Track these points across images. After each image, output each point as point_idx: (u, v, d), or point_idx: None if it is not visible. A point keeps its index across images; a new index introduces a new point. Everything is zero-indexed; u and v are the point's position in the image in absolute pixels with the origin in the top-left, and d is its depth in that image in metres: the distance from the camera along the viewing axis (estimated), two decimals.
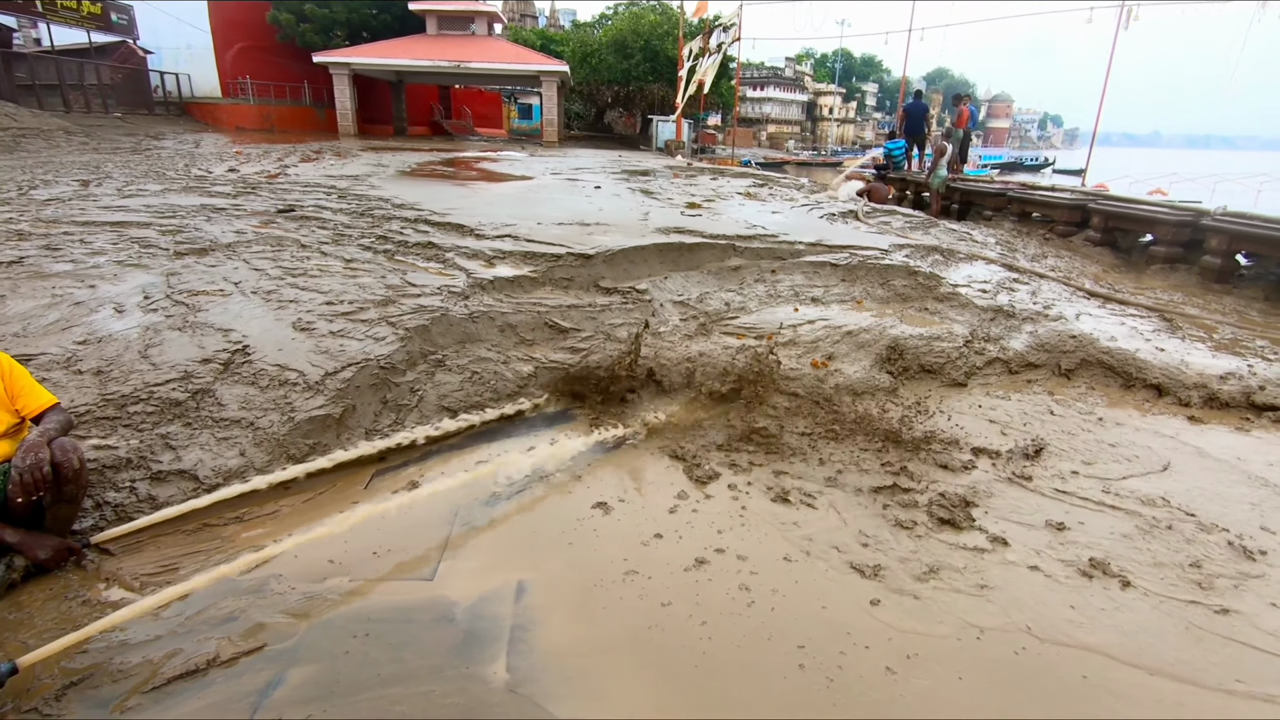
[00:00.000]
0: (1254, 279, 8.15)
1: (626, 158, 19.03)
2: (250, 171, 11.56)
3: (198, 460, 3.28)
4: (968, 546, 3.08)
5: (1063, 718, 2.21)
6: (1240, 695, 2.32)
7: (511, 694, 2.25)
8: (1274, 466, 3.91)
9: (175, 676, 2.25)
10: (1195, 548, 3.11)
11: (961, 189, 13.73)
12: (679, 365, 4.56)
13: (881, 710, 2.22)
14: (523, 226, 6.89)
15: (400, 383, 4.08)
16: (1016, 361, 5.29)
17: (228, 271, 5.23)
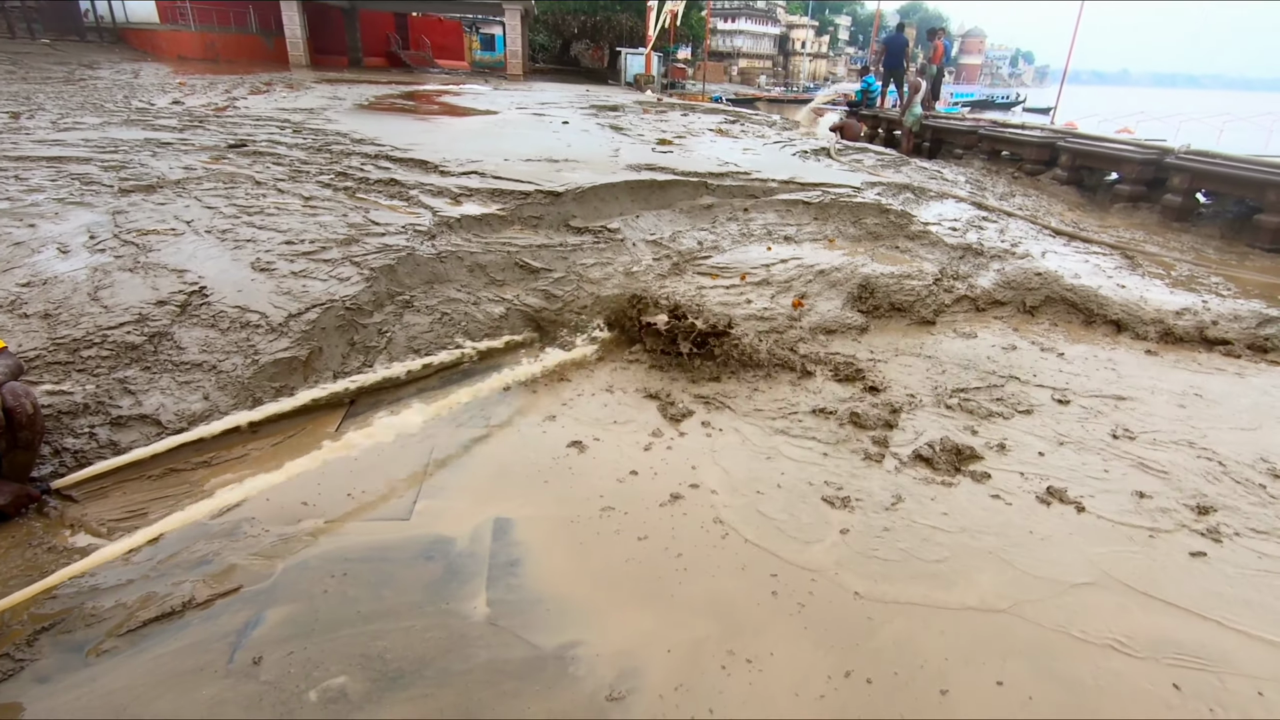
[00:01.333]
0: (1212, 217, 8.33)
1: (594, 92, 18.40)
2: (196, 104, 10.91)
3: (159, 405, 3.19)
4: (935, 480, 3.18)
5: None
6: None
7: (492, 627, 2.29)
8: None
9: (150, 619, 2.24)
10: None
11: (933, 127, 13.63)
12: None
13: (852, 633, 2.31)
14: (489, 163, 6.66)
15: (368, 324, 3.99)
16: (984, 299, 5.37)
17: (178, 210, 4.98)
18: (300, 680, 2.06)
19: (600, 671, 2.13)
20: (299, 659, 2.13)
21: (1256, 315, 5.18)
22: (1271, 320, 5.11)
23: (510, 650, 2.21)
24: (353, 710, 1.97)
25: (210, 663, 2.10)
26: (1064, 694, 2.11)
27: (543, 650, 2.20)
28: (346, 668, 2.10)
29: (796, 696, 2.08)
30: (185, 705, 1.96)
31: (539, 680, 2.10)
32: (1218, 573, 2.66)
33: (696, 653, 2.21)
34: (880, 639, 2.29)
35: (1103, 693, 2.12)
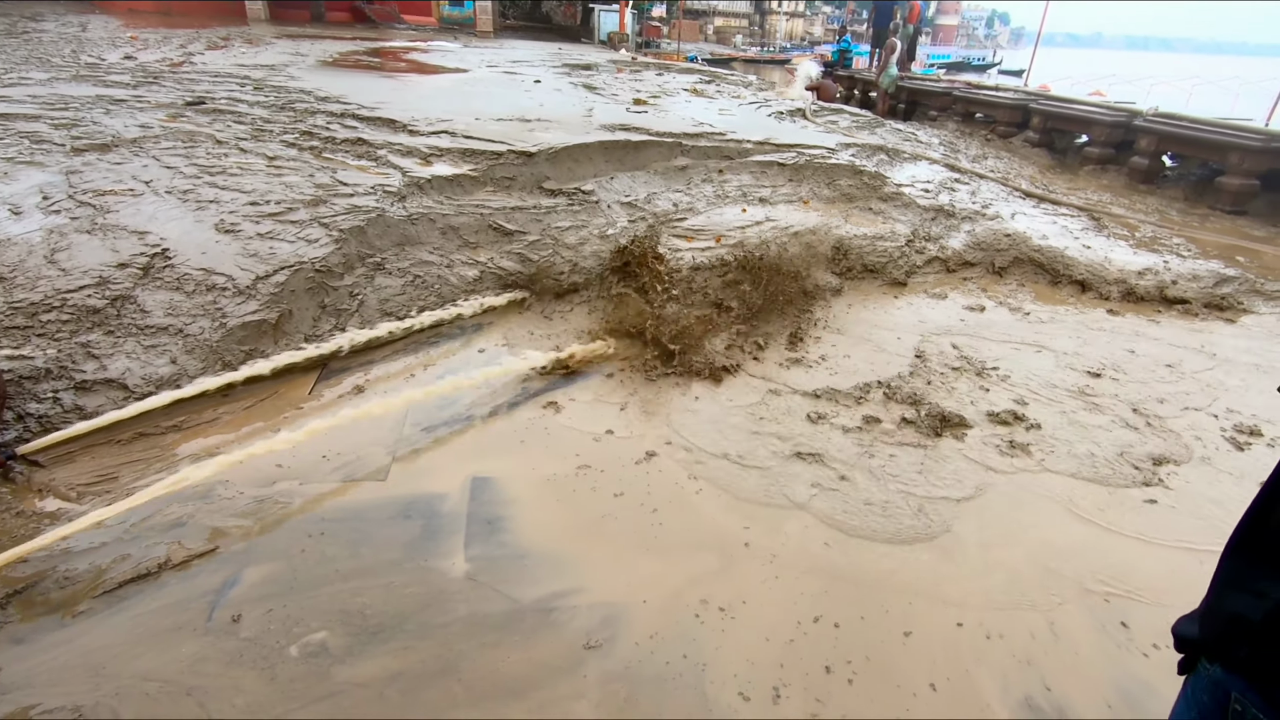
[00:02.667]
0: (1176, 179, 8.48)
1: (567, 50, 17.94)
2: (150, 59, 10.43)
3: (125, 369, 3.13)
4: (890, 422, 3.27)
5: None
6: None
7: (471, 582, 2.34)
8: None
9: (126, 580, 2.24)
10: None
11: (908, 88, 13.57)
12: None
13: (821, 582, 2.40)
14: (459, 122, 6.51)
15: (338, 286, 3.93)
16: (954, 260, 5.44)
17: (136, 169, 4.81)
18: (280, 636, 2.08)
19: (578, 622, 2.19)
20: (278, 616, 2.15)
21: (1214, 275, 5.33)
22: (1228, 280, 5.27)
23: (489, 604, 2.25)
24: (334, 663, 2.01)
25: (189, 621, 2.12)
26: (1022, 633, 2.22)
27: (521, 603, 2.25)
28: (326, 623, 2.13)
29: (767, 641, 2.16)
30: (165, 662, 1.98)
31: (518, 631, 2.15)
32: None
33: (672, 602, 2.28)
34: (848, 587, 2.38)
35: (1057, 637, 2.24)
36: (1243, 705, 0.89)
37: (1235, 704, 0.90)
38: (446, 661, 2.04)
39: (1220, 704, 0.92)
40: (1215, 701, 0.93)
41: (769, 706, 1.95)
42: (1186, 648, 0.99)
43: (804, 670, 2.06)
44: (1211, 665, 0.94)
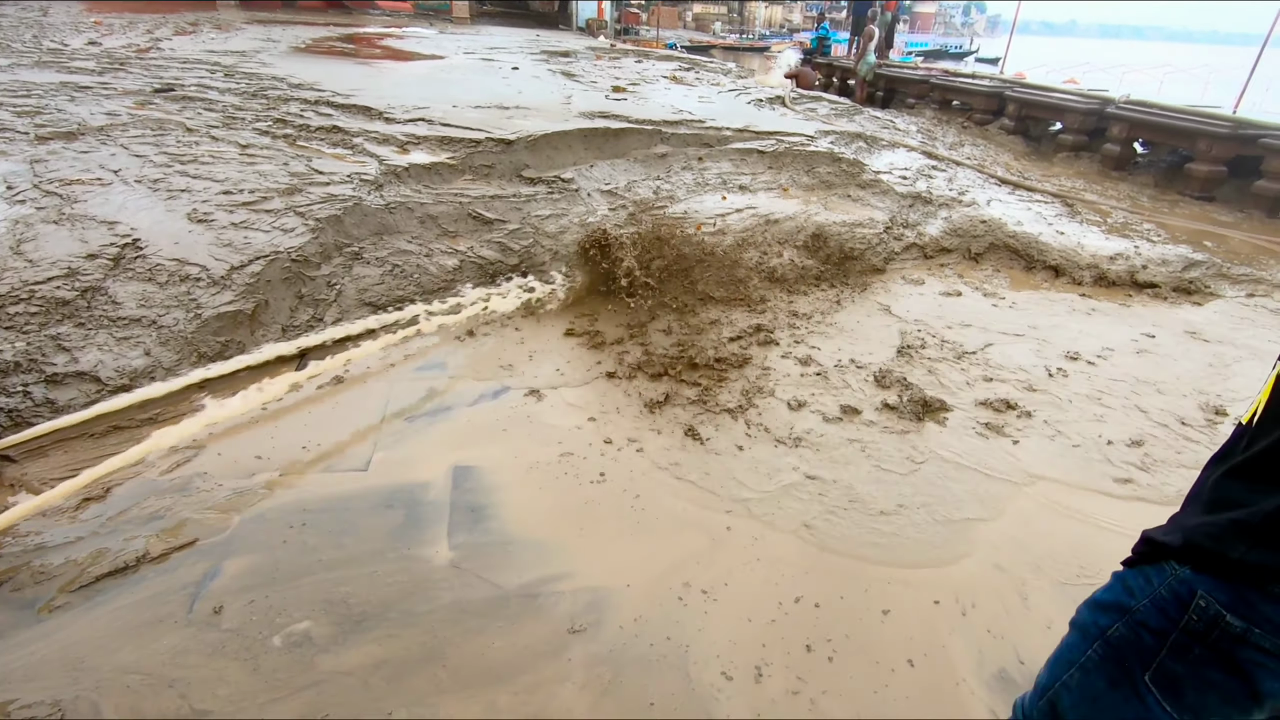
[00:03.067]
0: (1147, 166, 8.64)
1: (545, 37, 17.77)
2: (115, 45, 10.16)
3: (97, 361, 3.08)
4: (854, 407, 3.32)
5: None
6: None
7: (455, 569, 2.34)
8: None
9: (104, 575, 2.22)
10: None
11: (887, 76, 13.64)
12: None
13: (801, 563, 2.43)
14: (436, 109, 6.44)
15: (316, 276, 3.88)
16: (931, 246, 5.50)
17: (104, 158, 4.70)
18: (263, 627, 2.08)
19: (563, 607, 2.21)
20: (261, 607, 2.14)
21: (1182, 259, 5.45)
22: (1196, 264, 5.39)
23: (473, 591, 2.26)
24: (318, 653, 2.01)
25: (170, 614, 2.10)
26: (997, 607, 2.28)
27: (506, 589, 2.26)
28: (310, 613, 2.13)
29: (749, 622, 2.19)
30: (146, 655, 1.97)
31: (503, 617, 2.16)
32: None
33: (655, 586, 2.30)
34: (828, 568, 2.42)
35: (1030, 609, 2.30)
36: (1207, 601, 0.98)
37: (1200, 600, 0.99)
38: (431, 649, 2.05)
39: (1181, 598, 1.01)
40: (1176, 596, 1.02)
41: (751, 685, 1.98)
42: (1158, 551, 1.08)
43: (785, 649, 2.10)
44: (1181, 567, 1.03)
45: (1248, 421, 1.04)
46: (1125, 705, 1.08)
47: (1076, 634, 1.19)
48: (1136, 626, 1.07)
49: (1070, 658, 1.17)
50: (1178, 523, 1.10)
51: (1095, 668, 1.12)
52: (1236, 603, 0.97)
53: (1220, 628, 0.98)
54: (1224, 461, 1.06)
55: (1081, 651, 1.15)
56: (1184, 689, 1.03)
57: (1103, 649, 1.12)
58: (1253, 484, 0.98)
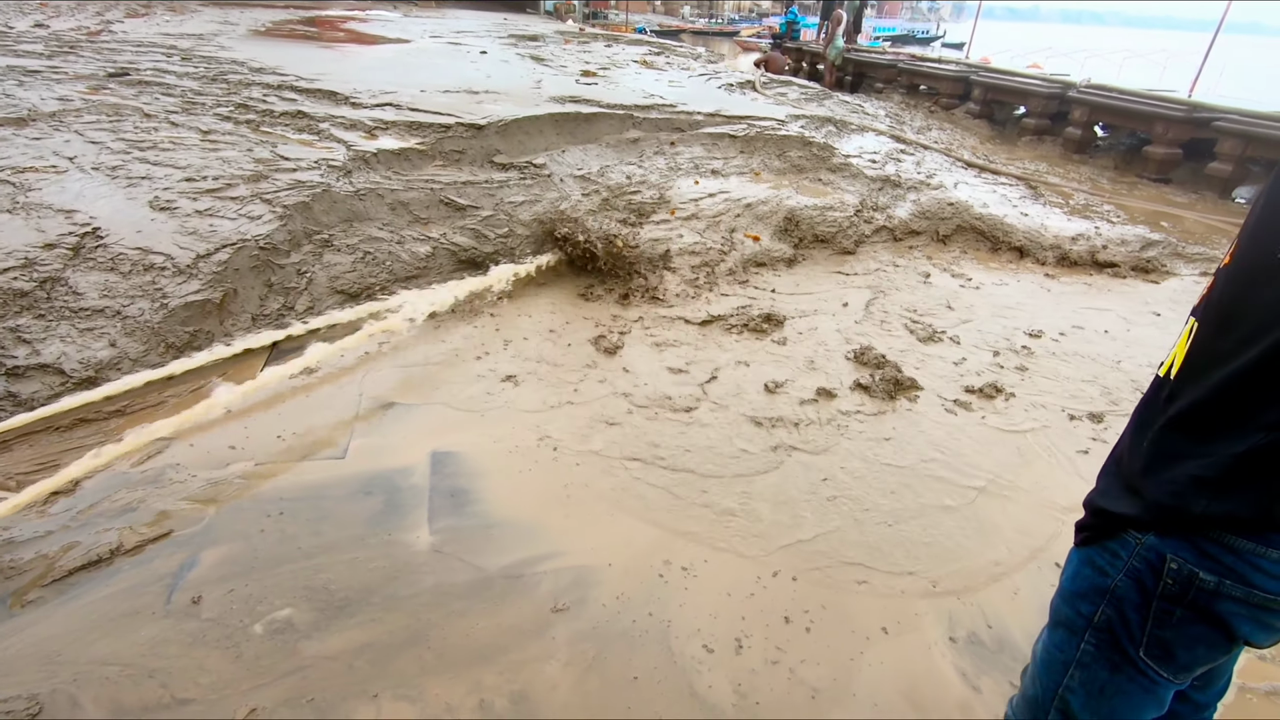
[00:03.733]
0: (1108, 149, 8.86)
1: (513, 20, 17.51)
2: (64, 27, 9.78)
3: (60, 353, 3.00)
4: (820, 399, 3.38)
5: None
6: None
7: (437, 554, 2.35)
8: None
9: (77, 568, 2.18)
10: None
11: (855, 60, 13.73)
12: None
13: (779, 539, 2.49)
14: (404, 94, 6.33)
15: (285, 264, 3.82)
16: (901, 229, 5.59)
17: (58, 145, 4.55)
18: (244, 615, 2.07)
19: (545, 587, 2.23)
20: (240, 596, 2.13)
21: (1140, 240, 5.62)
22: (1153, 244, 5.56)
23: (456, 574, 2.27)
24: (300, 639, 2.01)
25: (146, 605, 2.08)
26: (963, 581, 2.36)
27: (488, 572, 2.28)
28: (291, 600, 2.12)
29: (729, 596, 2.24)
30: (124, 647, 1.95)
31: (486, 599, 2.18)
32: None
33: (636, 565, 2.34)
34: (806, 542, 2.48)
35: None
36: (1178, 563, 1.01)
37: (1171, 563, 1.02)
38: (415, 631, 2.06)
39: (1153, 565, 1.04)
40: (1148, 564, 1.05)
41: (732, 657, 2.03)
42: (1114, 523, 1.10)
43: (764, 621, 2.15)
44: (1144, 535, 1.05)
45: (1165, 374, 1.07)
46: (1131, 685, 1.10)
47: (1062, 632, 1.18)
48: (1119, 604, 1.08)
49: (1065, 658, 1.17)
50: (1124, 487, 1.11)
51: (1093, 660, 1.13)
52: (1203, 559, 0.99)
53: (1195, 586, 1.00)
54: (1150, 415, 1.08)
55: (1075, 648, 1.15)
56: (1175, 651, 1.06)
57: (1095, 638, 1.12)
58: (1193, 436, 1.00)
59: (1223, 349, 0.96)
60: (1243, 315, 0.94)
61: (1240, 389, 0.94)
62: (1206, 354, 1.00)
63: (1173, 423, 1.03)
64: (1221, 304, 1.00)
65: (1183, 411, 1.01)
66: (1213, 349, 0.99)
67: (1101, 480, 1.19)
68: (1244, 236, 1.00)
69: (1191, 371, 1.02)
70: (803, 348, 3.80)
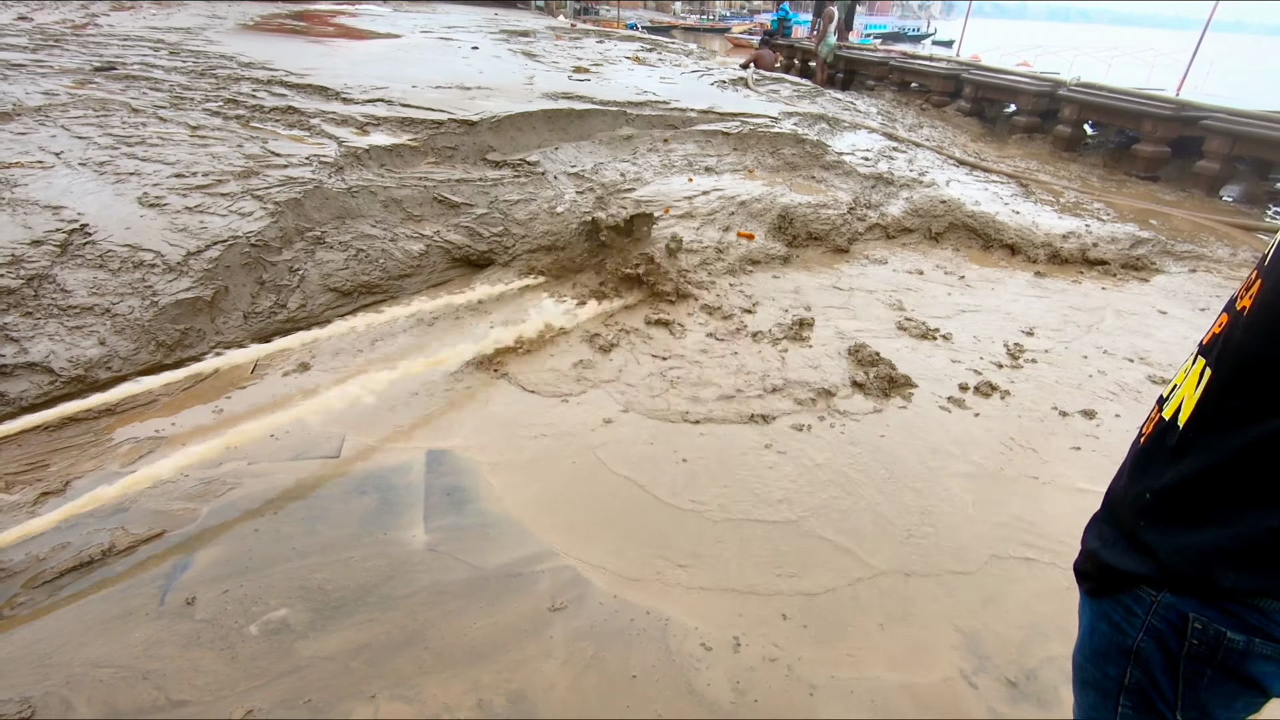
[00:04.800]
0: (1097, 146, 8.92)
1: (504, 16, 17.42)
2: (49, 20, 9.64)
3: (48, 352, 2.96)
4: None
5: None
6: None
7: (432, 552, 2.34)
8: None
9: (68, 570, 2.16)
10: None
11: (847, 58, 13.75)
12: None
13: (777, 536, 2.50)
14: (396, 90, 6.29)
15: (277, 261, 3.79)
16: (894, 227, 5.61)
17: (43, 140, 4.49)
18: (239, 616, 2.05)
19: (542, 586, 2.23)
20: (235, 596, 2.11)
21: (1130, 237, 5.67)
22: (1142, 242, 5.61)
23: (452, 573, 2.26)
24: (296, 639, 1.99)
25: (140, 606, 2.06)
26: (954, 570, 2.37)
27: (484, 570, 2.27)
28: (287, 600, 2.11)
29: (727, 593, 2.24)
30: (117, 648, 1.93)
31: (483, 598, 2.17)
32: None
33: (634, 562, 2.34)
34: (801, 536, 2.48)
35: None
36: (1203, 624, 0.94)
37: (1195, 622, 0.95)
38: (412, 631, 2.05)
39: (1175, 625, 0.97)
40: (1169, 625, 0.97)
41: (730, 655, 2.03)
42: (1125, 579, 1.02)
43: (761, 619, 2.15)
44: (1159, 592, 0.98)
45: (1170, 417, 0.98)
46: None
47: (1094, 694, 1.12)
48: (1145, 665, 1.02)
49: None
50: (1129, 540, 1.03)
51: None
52: (1228, 618, 0.93)
53: (1224, 646, 0.94)
54: (1154, 464, 1.00)
55: (1113, 711, 1.08)
56: (1212, 711, 1.00)
57: (1130, 701, 1.06)
58: (1213, 501, 0.92)
59: (1242, 407, 0.88)
60: (1268, 374, 0.85)
61: (1272, 459, 0.85)
62: (1223, 410, 0.91)
63: (1187, 483, 0.94)
64: (1242, 357, 0.89)
65: (1199, 472, 0.92)
66: (1231, 405, 0.90)
67: (1099, 527, 1.11)
68: (1268, 277, 0.87)
69: (1205, 425, 0.93)
70: (804, 350, 3.80)
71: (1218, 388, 0.91)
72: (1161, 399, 1.03)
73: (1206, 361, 0.95)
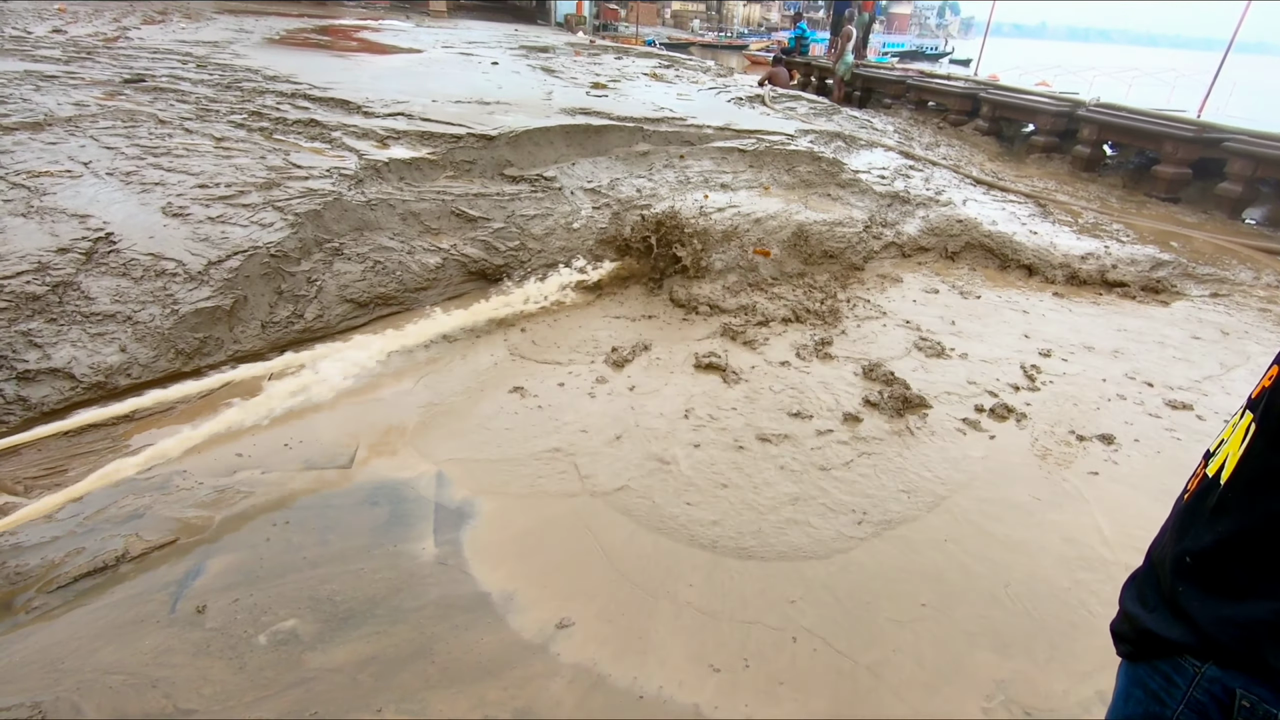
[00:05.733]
0: (1116, 167, 8.85)
1: (524, 32, 17.66)
2: (82, 33, 9.89)
3: (70, 358, 3.01)
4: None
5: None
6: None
7: (442, 566, 2.34)
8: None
9: (82, 574, 2.18)
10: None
11: (864, 76, 13.78)
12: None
13: (789, 555, 2.47)
14: (416, 104, 6.37)
15: (295, 272, 3.83)
16: (909, 245, 5.59)
17: (73, 150, 4.59)
18: (248, 625, 2.06)
19: (547, 603, 2.22)
20: (245, 605, 2.12)
21: (1150, 259, 5.61)
22: (1163, 264, 5.55)
23: (461, 586, 2.26)
24: (305, 650, 2.00)
25: (151, 613, 2.07)
26: (983, 599, 2.34)
27: (493, 585, 2.27)
28: (296, 611, 2.12)
29: (737, 612, 2.22)
30: (128, 655, 1.94)
31: (490, 613, 2.17)
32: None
33: (644, 580, 2.32)
34: (809, 564, 2.46)
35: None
36: (1251, 701, 0.87)
37: (1243, 700, 0.88)
38: (419, 645, 2.05)
39: (1220, 700, 0.90)
40: (1213, 699, 0.91)
41: (740, 673, 2.01)
42: (1166, 647, 0.95)
43: (772, 642, 2.13)
44: (1204, 663, 0.91)
45: (1214, 474, 0.93)
46: None
47: None
48: None
49: None
50: (1169, 606, 0.96)
51: None
52: (1278, 696, 0.85)
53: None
54: (1194, 522, 0.94)
55: None
56: None
57: None
58: (1258, 571, 0.85)
59: None
60: None
61: None
62: (1266, 470, 0.84)
63: (1225, 546, 0.88)
64: None
65: (1237, 535, 0.86)
66: (1275, 464, 0.83)
67: (1140, 587, 1.04)
68: None
69: (1246, 486, 0.86)
70: (817, 371, 3.79)
71: (1262, 445, 0.85)
72: (1208, 454, 0.97)
73: (1254, 416, 0.88)
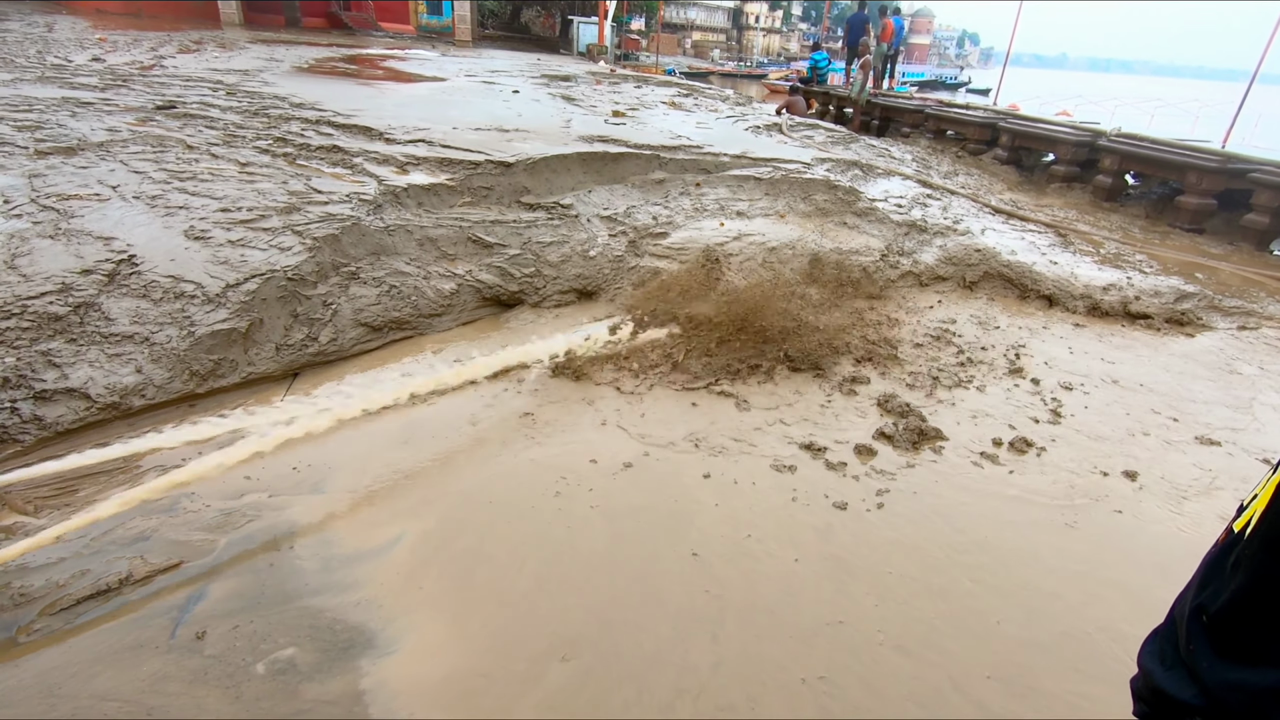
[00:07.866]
0: (1139, 198, 8.75)
1: (546, 61, 18.01)
2: (119, 62, 10.24)
3: (87, 378, 3.05)
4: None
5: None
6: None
7: None
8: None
9: (85, 597, 2.17)
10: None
11: (882, 105, 13.83)
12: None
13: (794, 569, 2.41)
14: (437, 131, 6.48)
15: (311, 295, 3.87)
16: (927, 274, 5.54)
17: (102, 174, 4.71)
18: (247, 653, 2.03)
19: (554, 629, 2.17)
20: (245, 632, 2.10)
21: (1174, 291, 5.50)
22: (1187, 296, 5.44)
23: None
24: (302, 680, 1.96)
25: (151, 639, 2.06)
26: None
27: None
28: (295, 640, 2.09)
29: (740, 651, 2.16)
30: (125, 681, 1.92)
31: None
32: None
33: (643, 619, 2.27)
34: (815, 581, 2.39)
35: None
36: None
37: None
38: None
39: None
40: None
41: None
42: (1177, 708, 0.91)
43: (783, 683, 2.06)
44: None
45: (1240, 529, 0.88)
46: None
47: None
48: None
49: None
50: (1185, 664, 0.92)
51: None
52: None
53: None
54: (1215, 577, 0.89)
55: None
56: None
57: None
58: (1269, 632, 0.81)
59: None
60: None
61: None
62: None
63: (1239, 607, 0.83)
64: None
65: (1246, 591, 0.82)
66: None
67: (1159, 643, 1.00)
68: None
69: (1262, 543, 0.82)
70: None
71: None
72: (1241, 507, 0.92)
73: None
